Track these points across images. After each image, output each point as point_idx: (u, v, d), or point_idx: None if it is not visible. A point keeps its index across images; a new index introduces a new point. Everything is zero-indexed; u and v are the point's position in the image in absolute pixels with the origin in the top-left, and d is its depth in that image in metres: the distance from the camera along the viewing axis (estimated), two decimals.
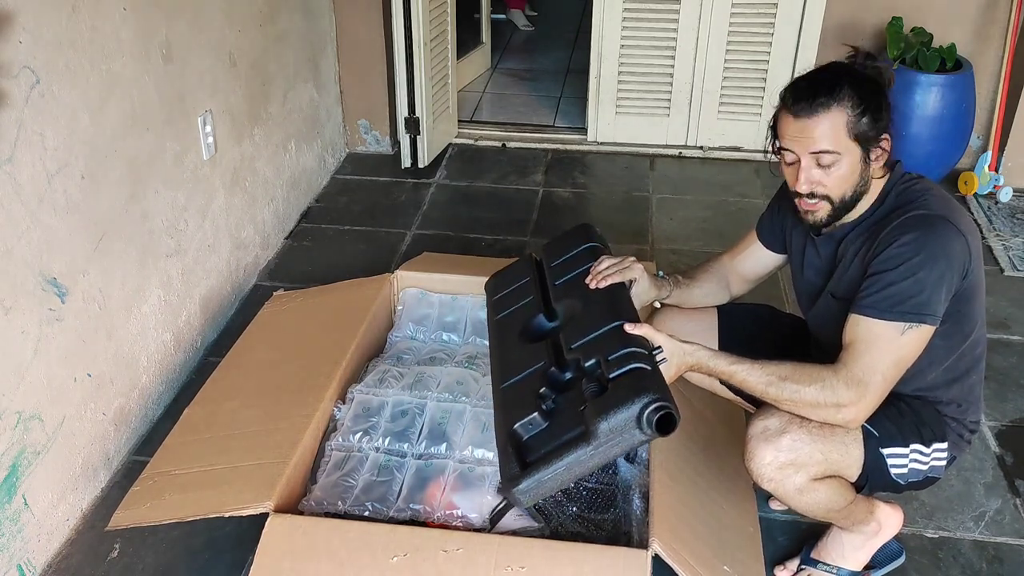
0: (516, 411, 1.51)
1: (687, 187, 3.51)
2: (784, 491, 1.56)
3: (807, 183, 1.52)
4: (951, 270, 1.46)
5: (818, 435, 1.53)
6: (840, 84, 1.47)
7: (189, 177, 2.38)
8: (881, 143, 1.51)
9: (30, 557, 1.80)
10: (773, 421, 1.54)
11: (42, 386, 1.80)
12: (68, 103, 1.82)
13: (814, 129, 1.48)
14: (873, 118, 1.48)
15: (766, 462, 1.53)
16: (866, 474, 1.59)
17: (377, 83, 3.61)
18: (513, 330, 1.76)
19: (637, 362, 1.45)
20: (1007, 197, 3.34)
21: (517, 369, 1.63)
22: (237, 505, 1.64)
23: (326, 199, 3.40)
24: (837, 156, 1.49)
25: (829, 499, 1.59)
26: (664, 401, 1.37)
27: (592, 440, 1.39)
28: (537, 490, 1.43)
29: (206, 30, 2.43)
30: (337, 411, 1.99)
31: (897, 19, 3.22)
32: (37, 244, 1.75)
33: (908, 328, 1.45)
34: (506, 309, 1.85)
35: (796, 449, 1.52)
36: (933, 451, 1.62)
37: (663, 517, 1.60)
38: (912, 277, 1.45)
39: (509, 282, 1.93)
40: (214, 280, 2.56)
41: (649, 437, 1.38)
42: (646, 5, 3.55)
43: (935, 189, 1.56)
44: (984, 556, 1.89)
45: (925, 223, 1.48)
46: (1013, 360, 2.50)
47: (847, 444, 1.55)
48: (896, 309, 1.45)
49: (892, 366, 1.47)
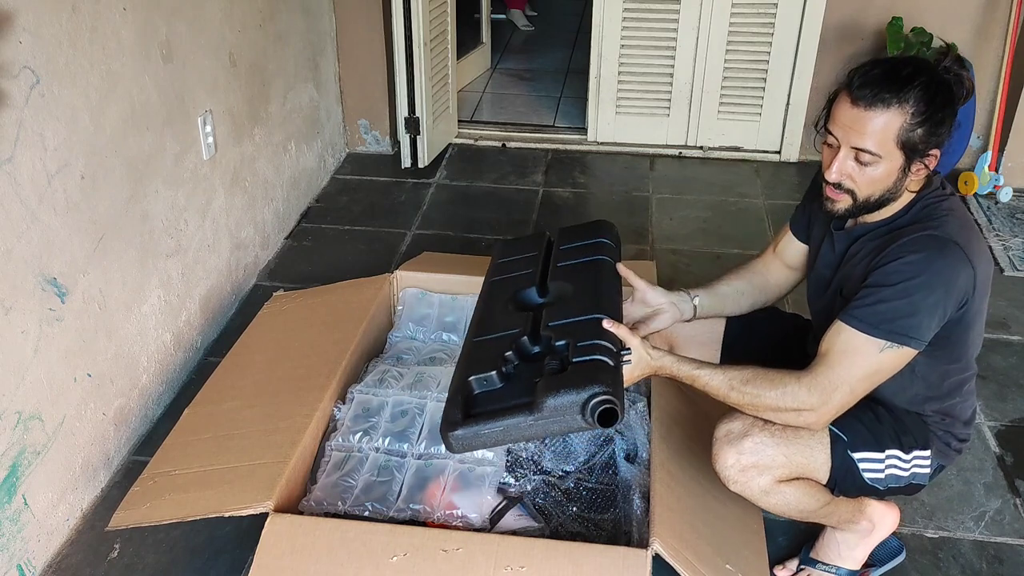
0: (477, 365, 1.57)
1: (687, 187, 3.51)
2: (750, 492, 1.57)
3: (837, 173, 1.48)
4: (948, 297, 1.43)
5: (781, 438, 1.53)
6: (912, 84, 1.40)
7: (189, 177, 2.38)
8: (928, 157, 1.45)
9: (30, 557, 1.80)
10: (736, 424, 1.55)
11: (42, 386, 1.80)
12: (68, 103, 1.82)
13: (866, 124, 1.42)
14: (930, 131, 1.42)
15: (729, 464, 1.54)
16: (834, 477, 1.58)
17: (377, 83, 3.61)
18: (503, 294, 1.81)
19: (601, 355, 1.49)
20: (1007, 197, 3.34)
21: (493, 329, 1.68)
22: (237, 505, 1.64)
23: (326, 199, 3.40)
24: (877, 158, 1.44)
25: (798, 501, 1.59)
26: (612, 396, 1.41)
27: (535, 412, 1.44)
28: (471, 441, 1.48)
29: (206, 30, 2.43)
30: (337, 411, 1.99)
31: (897, 19, 3.22)
32: (37, 244, 1.75)
33: (889, 347, 1.43)
34: (505, 274, 1.90)
35: (758, 452, 1.52)
36: (914, 458, 1.60)
37: (664, 516, 1.60)
38: (907, 298, 1.42)
39: (517, 251, 1.98)
40: (214, 280, 2.56)
41: (588, 426, 1.43)
42: (646, 5, 3.55)
43: (960, 210, 1.51)
44: (984, 556, 1.89)
45: (935, 245, 1.43)
46: (1013, 360, 2.50)
47: (811, 447, 1.55)
48: (883, 326, 1.43)
49: (862, 380, 1.46)
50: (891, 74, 1.42)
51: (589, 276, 1.76)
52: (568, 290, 1.74)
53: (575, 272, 1.79)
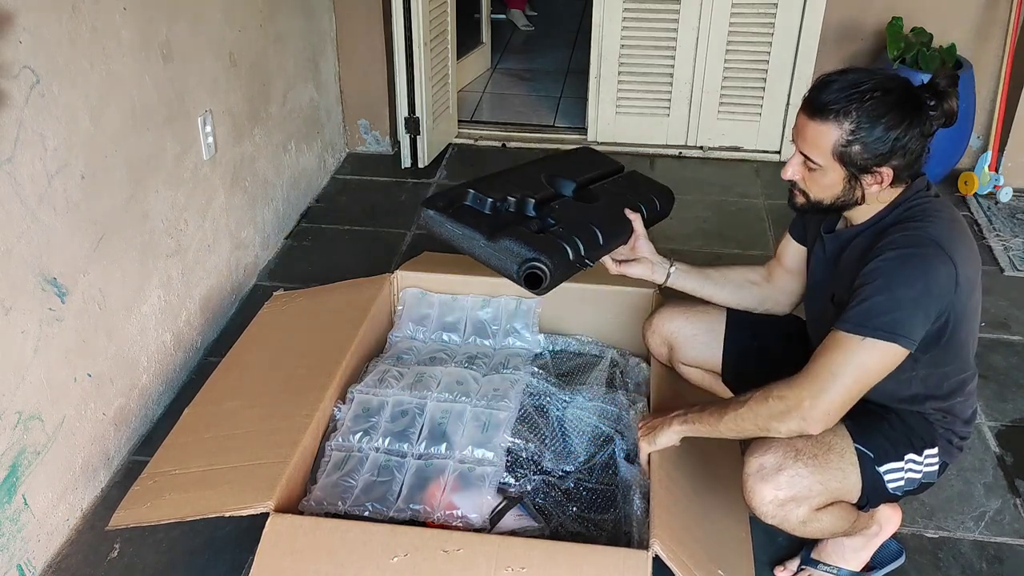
0: (485, 187, 1.82)
1: (687, 187, 3.50)
2: (788, 525, 1.54)
3: (789, 173, 1.53)
4: (929, 295, 1.42)
5: (814, 466, 1.51)
6: (853, 100, 1.41)
7: (189, 177, 2.38)
8: (876, 173, 1.46)
9: (30, 557, 1.80)
10: (768, 458, 1.52)
11: (42, 386, 1.80)
12: (68, 103, 1.82)
13: (807, 132, 1.47)
14: (869, 149, 1.42)
15: (767, 500, 1.51)
16: (866, 495, 1.58)
17: (377, 83, 3.60)
18: (554, 170, 1.99)
19: (568, 247, 1.69)
20: (1007, 197, 3.34)
21: (521, 182, 1.89)
22: (237, 505, 1.64)
23: (326, 199, 3.40)
24: (820, 167, 1.47)
25: (834, 524, 1.59)
26: (547, 269, 1.62)
27: (490, 239, 1.68)
28: (435, 226, 1.75)
29: (206, 30, 2.43)
30: (337, 411, 1.99)
31: (897, 19, 3.22)
32: (37, 244, 1.75)
33: (873, 344, 1.41)
34: (571, 162, 2.12)
35: (795, 484, 1.50)
36: (926, 458, 1.61)
37: (663, 518, 1.61)
38: (888, 293, 1.41)
39: (591, 158, 2.20)
40: (214, 280, 2.56)
41: (517, 280, 1.66)
42: (646, 5, 3.55)
43: (946, 211, 1.51)
44: (984, 556, 1.89)
45: (914, 243, 1.44)
46: (1013, 360, 2.50)
47: (844, 470, 1.54)
48: (867, 323, 1.42)
49: (851, 375, 1.43)
50: (842, 88, 1.43)
51: (618, 206, 1.89)
52: (596, 202, 1.90)
53: (614, 198, 1.93)
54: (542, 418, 1.96)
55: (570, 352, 2.27)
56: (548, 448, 1.91)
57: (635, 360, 2.21)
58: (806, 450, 1.52)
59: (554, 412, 1.99)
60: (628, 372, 2.18)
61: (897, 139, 1.42)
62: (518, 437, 1.91)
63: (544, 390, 2.03)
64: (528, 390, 2.03)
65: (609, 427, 1.96)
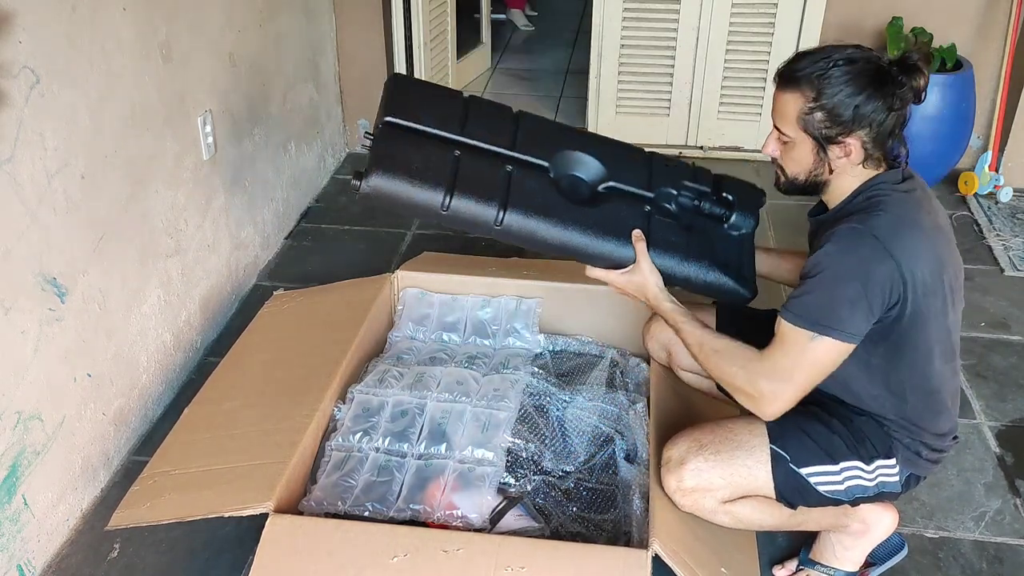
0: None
1: None
2: (702, 514, 1.61)
3: (768, 148, 1.58)
4: (868, 291, 1.42)
5: (716, 461, 1.57)
6: (815, 71, 1.45)
7: (189, 177, 2.38)
8: (842, 144, 1.47)
9: (30, 557, 1.80)
10: (674, 451, 1.61)
11: (42, 386, 1.80)
12: (68, 103, 1.82)
13: (777, 104, 1.52)
14: (831, 118, 1.45)
15: (672, 488, 1.60)
16: (782, 493, 1.59)
17: (377, 83, 3.56)
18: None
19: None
20: (1007, 197, 3.34)
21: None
22: (237, 505, 1.64)
23: (326, 199, 3.40)
24: (790, 139, 1.52)
25: (752, 517, 1.62)
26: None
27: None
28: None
29: (206, 30, 2.43)
30: (337, 411, 1.99)
31: (897, 19, 3.22)
32: (37, 244, 1.75)
33: (816, 338, 1.44)
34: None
35: (696, 476, 1.58)
36: (877, 468, 1.59)
37: (662, 518, 1.61)
38: (825, 290, 1.44)
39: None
40: (214, 280, 2.56)
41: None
42: (646, 5, 3.55)
43: (901, 206, 1.49)
44: (984, 556, 1.89)
45: (853, 238, 1.44)
46: (1013, 360, 2.50)
47: (750, 467, 1.57)
48: (807, 317, 1.45)
49: (805, 372, 1.48)
50: (811, 59, 1.47)
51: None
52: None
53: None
54: (542, 418, 1.96)
55: (570, 352, 2.27)
56: (548, 448, 1.91)
57: (635, 360, 2.21)
58: (710, 445, 1.59)
59: (554, 412, 1.99)
60: (628, 372, 2.18)
61: (858, 107, 1.44)
62: (518, 437, 1.91)
63: (544, 390, 2.03)
64: (528, 390, 2.03)
65: (609, 427, 1.96)
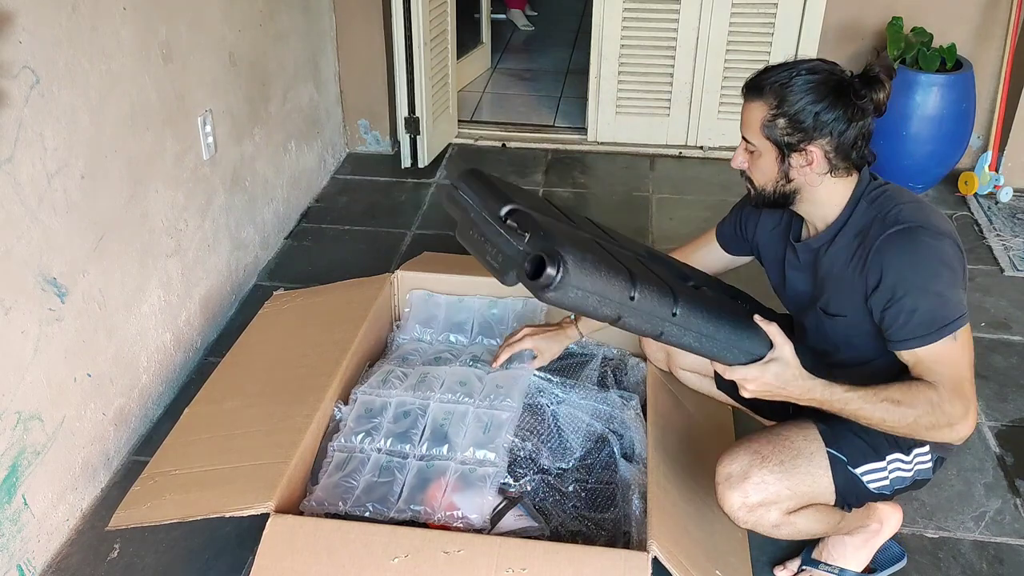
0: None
1: (687, 187, 3.51)
2: (762, 529, 1.57)
3: (737, 161, 1.58)
4: (954, 272, 1.46)
5: (780, 472, 1.54)
6: (779, 80, 1.47)
7: (189, 177, 2.37)
8: (803, 152, 1.48)
9: (30, 557, 1.80)
10: (735, 466, 1.55)
11: (42, 386, 1.80)
12: (68, 103, 1.82)
13: (743, 114, 1.53)
14: (792, 124, 1.47)
15: (736, 506, 1.54)
16: (841, 497, 1.58)
17: (377, 83, 3.60)
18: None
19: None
20: (1007, 197, 3.34)
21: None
22: (238, 505, 1.64)
23: (326, 199, 3.40)
24: (755, 148, 1.52)
25: (810, 526, 1.60)
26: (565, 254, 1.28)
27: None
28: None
29: (206, 30, 2.42)
30: (337, 411, 1.99)
31: (897, 19, 3.22)
32: (37, 244, 1.75)
33: (955, 336, 1.45)
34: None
35: (762, 490, 1.53)
36: (915, 457, 1.60)
37: (660, 520, 1.61)
38: (927, 296, 1.44)
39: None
40: (214, 280, 2.56)
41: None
42: (646, 5, 3.54)
43: (904, 195, 1.54)
44: (984, 556, 1.89)
45: (907, 238, 1.46)
46: (1013, 360, 2.50)
47: (812, 475, 1.55)
48: (937, 331, 1.45)
49: (967, 368, 1.47)
50: (770, 71, 1.50)
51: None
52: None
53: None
54: (537, 415, 1.96)
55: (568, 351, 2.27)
56: (544, 445, 1.91)
57: (634, 360, 2.20)
58: (772, 456, 1.55)
59: (548, 408, 1.99)
60: (626, 371, 2.17)
61: (819, 114, 1.46)
62: (516, 435, 1.90)
63: (538, 386, 2.03)
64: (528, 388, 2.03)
65: (603, 426, 1.96)
